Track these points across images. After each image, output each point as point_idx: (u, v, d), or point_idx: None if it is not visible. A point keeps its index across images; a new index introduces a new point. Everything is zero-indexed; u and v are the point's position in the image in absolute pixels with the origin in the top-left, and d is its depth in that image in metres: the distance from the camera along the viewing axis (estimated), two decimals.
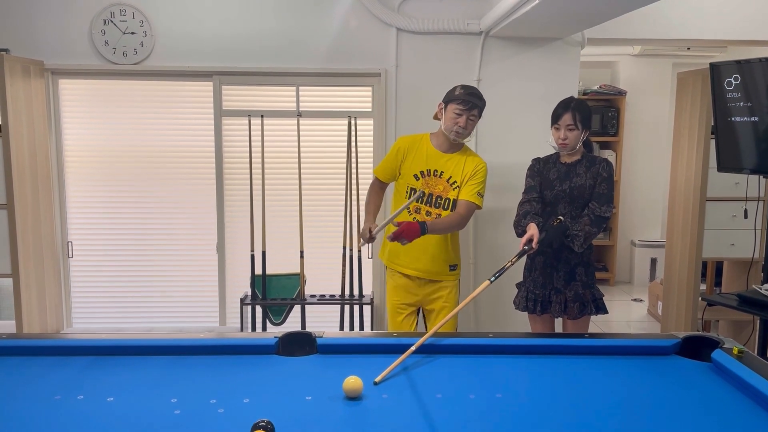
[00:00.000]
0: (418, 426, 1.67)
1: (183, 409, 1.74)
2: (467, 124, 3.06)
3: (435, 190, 3.13)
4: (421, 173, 3.14)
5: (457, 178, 3.13)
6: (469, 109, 3.03)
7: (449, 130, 3.08)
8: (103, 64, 3.89)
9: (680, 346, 2.19)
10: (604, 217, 2.93)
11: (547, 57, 4.00)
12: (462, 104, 3.03)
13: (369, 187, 3.36)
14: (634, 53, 6.30)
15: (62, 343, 2.18)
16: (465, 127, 3.06)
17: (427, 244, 3.12)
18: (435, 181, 3.14)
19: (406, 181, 3.18)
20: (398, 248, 3.16)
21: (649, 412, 1.76)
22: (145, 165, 4.08)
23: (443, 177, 3.13)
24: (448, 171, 3.14)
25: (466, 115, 3.04)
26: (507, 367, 2.08)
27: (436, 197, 3.13)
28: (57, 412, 1.73)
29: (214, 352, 2.16)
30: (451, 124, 3.06)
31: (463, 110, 3.04)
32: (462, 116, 3.04)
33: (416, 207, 3.16)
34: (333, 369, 2.02)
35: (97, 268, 4.16)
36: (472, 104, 3.04)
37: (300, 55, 3.94)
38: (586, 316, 3.03)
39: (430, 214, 3.14)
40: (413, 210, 3.17)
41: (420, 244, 3.06)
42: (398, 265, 3.24)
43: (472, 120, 3.07)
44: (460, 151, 3.18)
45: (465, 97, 3.04)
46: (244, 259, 3.98)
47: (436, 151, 3.16)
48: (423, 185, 3.14)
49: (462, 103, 3.03)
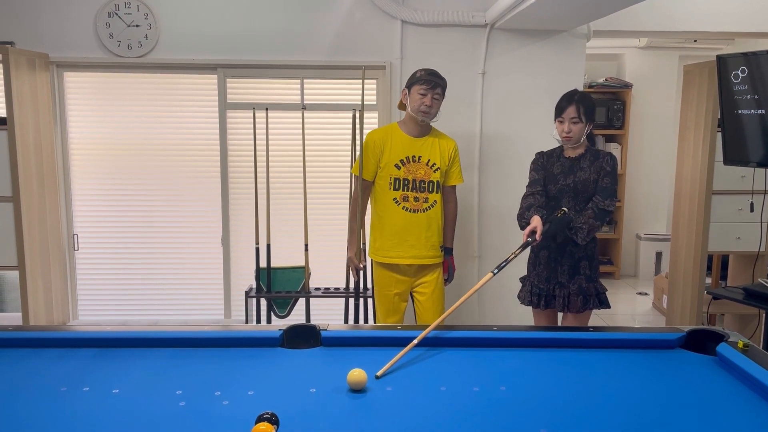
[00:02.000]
0: (422, 418, 1.68)
1: (188, 401, 1.75)
2: (432, 102, 3.17)
3: (417, 175, 3.25)
4: (401, 162, 3.25)
5: (436, 161, 3.26)
6: (432, 87, 3.16)
7: (416, 111, 3.17)
8: (107, 57, 3.89)
9: (685, 340, 2.19)
10: (608, 210, 2.92)
11: (553, 49, 3.98)
12: (425, 84, 3.16)
13: (354, 196, 3.41)
14: (640, 46, 6.27)
15: (68, 335, 2.19)
16: (431, 105, 3.17)
17: (419, 233, 3.26)
18: (416, 167, 3.25)
19: (387, 172, 3.26)
20: (388, 242, 3.29)
21: (654, 406, 1.76)
22: (149, 158, 4.09)
23: (422, 161, 3.25)
24: (426, 154, 3.26)
25: (431, 94, 3.15)
26: (511, 360, 2.08)
27: (420, 181, 3.25)
28: (63, 403, 1.74)
29: (218, 344, 2.16)
30: (418, 105, 3.16)
31: (426, 89, 3.15)
32: (427, 95, 3.15)
33: (404, 195, 3.26)
34: (337, 362, 2.03)
35: (103, 261, 4.18)
36: (434, 83, 3.15)
37: (304, 48, 3.93)
38: (588, 310, 3.02)
39: (417, 199, 3.25)
40: (401, 199, 3.26)
41: (416, 232, 3.24)
42: (390, 257, 3.30)
43: (436, 98, 3.18)
44: (431, 134, 3.31)
45: (426, 77, 3.17)
46: (248, 252, 3.98)
47: (409, 137, 3.27)
48: (405, 173, 3.24)
49: (425, 82, 3.16)
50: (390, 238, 3.28)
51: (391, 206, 3.26)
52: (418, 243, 3.27)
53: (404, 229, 3.25)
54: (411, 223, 3.25)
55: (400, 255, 3.28)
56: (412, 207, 3.24)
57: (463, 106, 3.97)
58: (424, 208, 3.26)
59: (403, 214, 3.25)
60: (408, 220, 3.25)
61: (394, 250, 3.29)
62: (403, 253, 3.28)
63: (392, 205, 3.25)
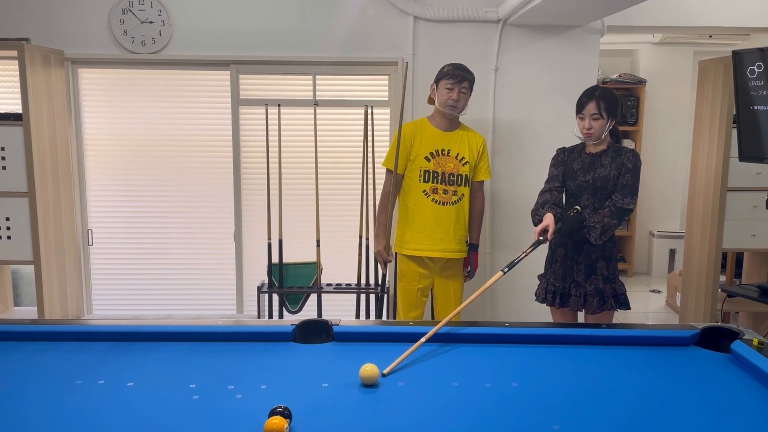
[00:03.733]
0: (434, 414, 1.68)
1: (201, 395, 1.76)
2: (459, 96, 3.22)
3: (446, 168, 3.29)
4: (431, 154, 3.29)
5: (465, 155, 3.31)
6: (459, 81, 3.21)
7: (444, 105, 3.24)
8: (121, 54, 3.92)
9: (699, 337, 2.17)
10: (626, 209, 2.88)
11: (566, 45, 3.95)
12: (452, 78, 3.22)
13: (384, 191, 3.42)
14: (655, 41, 6.22)
15: (82, 329, 2.21)
16: (458, 99, 3.22)
17: (449, 225, 3.30)
18: (445, 160, 3.30)
19: (417, 165, 3.30)
20: (417, 234, 3.32)
21: (668, 403, 1.75)
22: (163, 154, 4.11)
23: (451, 155, 3.30)
24: (455, 148, 3.31)
25: (458, 89, 3.21)
26: (523, 356, 2.07)
27: (449, 174, 3.29)
28: (78, 396, 1.75)
29: (231, 339, 2.18)
30: (445, 99, 3.23)
31: (453, 83, 3.21)
32: (454, 90, 3.21)
33: (433, 187, 3.29)
34: (349, 357, 2.03)
35: (117, 256, 4.21)
36: (461, 77, 3.21)
37: (317, 44, 3.93)
38: (607, 311, 2.99)
39: (447, 192, 3.29)
40: (430, 191, 3.29)
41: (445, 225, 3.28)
42: (418, 249, 3.34)
43: (463, 93, 3.24)
44: (460, 128, 3.37)
45: (454, 71, 3.23)
46: (260, 247, 4.00)
47: (438, 131, 3.33)
48: (435, 165, 3.28)
49: (452, 77, 3.22)
50: (419, 230, 3.32)
51: (420, 198, 3.30)
52: (446, 236, 3.30)
53: (434, 221, 3.29)
54: (440, 215, 3.29)
55: (428, 248, 3.32)
56: (442, 199, 3.29)
57: (475, 102, 3.93)
58: (452, 201, 3.30)
59: (433, 206, 3.29)
60: (437, 213, 3.29)
61: (423, 242, 3.32)
62: (432, 246, 3.31)
63: (422, 197, 3.30)
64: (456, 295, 3.42)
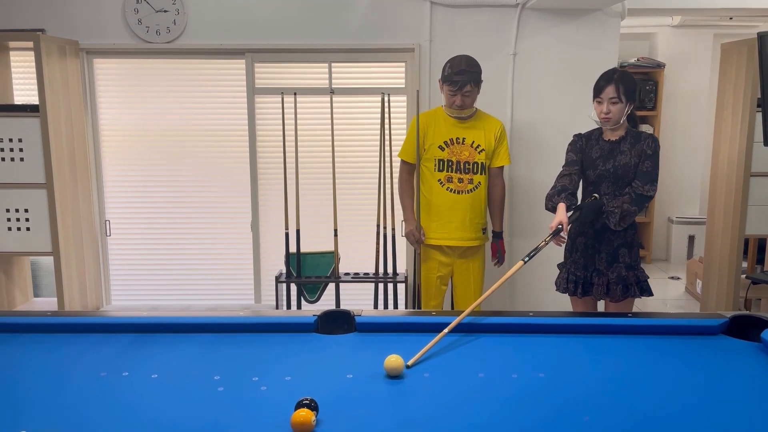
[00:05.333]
0: (462, 405, 1.66)
1: (226, 387, 1.75)
2: (463, 100, 3.16)
3: (461, 157, 3.27)
4: (445, 143, 3.28)
5: (481, 142, 3.27)
6: (459, 88, 3.12)
7: (449, 107, 3.23)
8: (136, 43, 3.90)
9: (727, 326, 2.14)
10: (647, 196, 2.83)
11: (586, 29, 3.88)
12: (451, 85, 3.14)
13: (400, 178, 3.46)
14: (674, 24, 6.11)
15: (104, 320, 2.21)
16: (462, 104, 3.17)
17: (465, 214, 3.29)
18: (460, 149, 3.27)
19: (432, 154, 3.30)
20: (434, 223, 3.33)
21: (698, 392, 1.72)
22: (179, 144, 4.10)
23: (466, 143, 3.27)
24: (470, 136, 3.27)
25: (459, 94, 3.14)
26: (548, 346, 2.05)
27: (464, 163, 3.27)
28: (105, 388, 1.75)
29: (253, 329, 2.17)
30: (450, 103, 3.21)
31: (455, 91, 3.13)
32: (456, 96, 3.15)
33: (448, 176, 3.28)
34: (372, 347, 2.02)
35: (134, 247, 4.22)
36: (461, 83, 3.11)
37: (332, 31, 3.89)
38: (630, 298, 2.94)
39: (462, 180, 3.28)
40: (445, 180, 3.29)
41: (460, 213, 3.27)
42: (436, 238, 3.34)
43: (467, 95, 3.17)
44: (475, 116, 3.31)
45: (453, 77, 3.13)
46: (278, 237, 3.99)
47: (453, 120, 3.29)
48: (449, 154, 3.27)
49: (451, 84, 3.13)
50: (436, 219, 3.33)
51: (436, 187, 3.30)
52: (462, 225, 3.30)
53: (449, 210, 3.29)
54: (456, 203, 3.28)
55: (445, 236, 3.32)
56: (457, 188, 3.27)
57: (493, 88, 3.89)
58: (468, 189, 3.29)
59: (448, 195, 3.28)
60: (453, 201, 3.28)
61: (439, 231, 3.33)
62: (449, 235, 3.31)
63: (437, 186, 3.30)
64: (476, 284, 3.40)
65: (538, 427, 1.54)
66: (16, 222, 3.64)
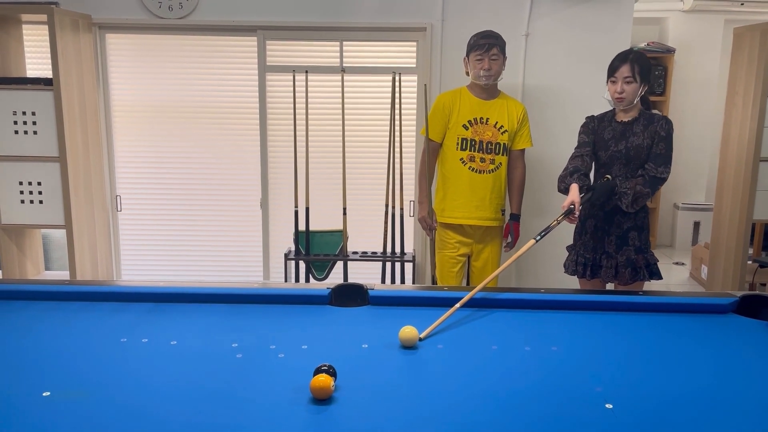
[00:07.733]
0: (476, 374, 1.69)
1: (244, 354, 1.79)
2: (491, 65, 3.19)
3: (485, 137, 3.29)
4: (469, 122, 3.28)
5: (504, 123, 3.29)
6: (486, 50, 3.19)
7: (477, 77, 3.23)
8: (149, 19, 3.90)
9: (738, 305, 2.16)
10: (660, 178, 2.83)
11: (599, 10, 3.86)
12: (478, 49, 3.18)
13: (423, 159, 3.45)
14: (685, 9, 6.07)
15: (122, 289, 2.24)
16: (489, 68, 3.19)
17: (485, 194, 3.30)
18: (483, 128, 3.29)
19: (455, 132, 3.30)
20: (453, 202, 3.34)
21: (709, 368, 1.75)
22: (190, 120, 4.11)
23: (490, 123, 3.29)
24: (494, 116, 3.29)
25: (487, 58, 3.18)
26: (561, 322, 2.07)
27: (487, 143, 3.29)
28: (125, 353, 1.79)
29: (269, 301, 2.20)
30: (477, 71, 3.21)
31: (482, 54, 3.18)
32: (483, 60, 3.19)
33: (470, 155, 3.29)
34: (386, 320, 2.05)
35: (145, 222, 4.24)
36: (488, 45, 3.17)
37: (344, 10, 3.88)
38: (639, 282, 2.95)
39: (484, 160, 3.29)
40: (467, 159, 3.30)
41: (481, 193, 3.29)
42: (456, 217, 3.35)
43: (494, 59, 3.20)
44: (500, 96, 3.34)
45: (480, 41, 3.20)
46: (287, 215, 4.01)
47: (477, 99, 3.31)
48: (473, 133, 3.28)
49: (479, 47, 3.18)
50: (456, 198, 3.33)
51: (457, 166, 3.31)
52: (482, 204, 3.31)
53: (470, 189, 3.30)
54: (476, 183, 3.29)
55: (465, 215, 3.33)
56: (478, 167, 3.29)
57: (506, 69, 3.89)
58: (490, 170, 3.30)
59: (469, 174, 3.29)
60: (474, 180, 3.29)
61: (459, 210, 3.34)
62: (468, 214, 3.33)
63: (458, 165, 3.31)
64: (493, 264, 3.42)
65: (552, 396, 1.57)
66: (29, 195, 3.66)
